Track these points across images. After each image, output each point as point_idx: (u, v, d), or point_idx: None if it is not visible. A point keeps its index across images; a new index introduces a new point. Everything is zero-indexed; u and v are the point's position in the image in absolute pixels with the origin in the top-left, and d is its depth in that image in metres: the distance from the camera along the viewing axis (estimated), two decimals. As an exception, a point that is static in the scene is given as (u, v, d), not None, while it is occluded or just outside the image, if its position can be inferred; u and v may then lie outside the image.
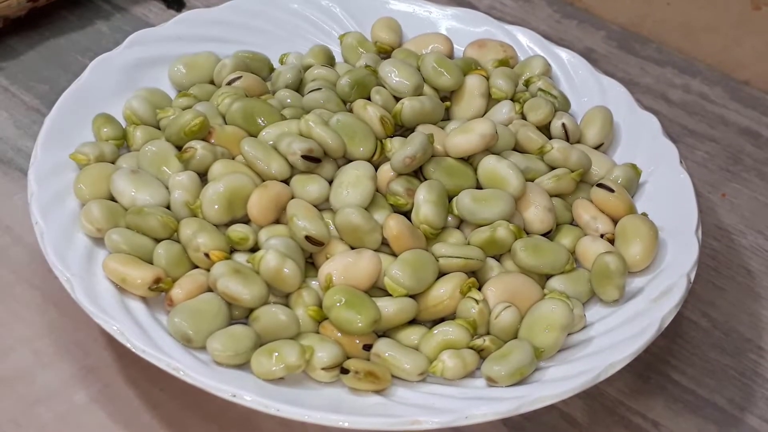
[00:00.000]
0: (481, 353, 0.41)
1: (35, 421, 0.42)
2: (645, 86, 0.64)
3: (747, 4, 0.64)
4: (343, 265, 0.42)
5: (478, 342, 0.41)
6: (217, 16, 0.56)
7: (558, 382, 0.40)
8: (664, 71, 0.65)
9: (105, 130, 0.48)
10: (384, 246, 0.44)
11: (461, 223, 0.46)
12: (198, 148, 0.45)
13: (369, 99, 0.49)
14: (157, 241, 0.43)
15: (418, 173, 0.47)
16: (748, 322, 0.50)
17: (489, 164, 0.46)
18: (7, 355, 0.44)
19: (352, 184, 0.45)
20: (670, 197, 0.48)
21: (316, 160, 0.45)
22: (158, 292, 0.42)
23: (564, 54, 0.56)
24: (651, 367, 0.47)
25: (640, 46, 0.67)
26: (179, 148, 0.46)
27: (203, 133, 0.46)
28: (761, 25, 0.64)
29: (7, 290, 0.47)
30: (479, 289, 0.43)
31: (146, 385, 0.43)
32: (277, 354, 0.39)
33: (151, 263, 0.42)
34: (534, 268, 0.44)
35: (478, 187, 0.46)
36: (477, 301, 0.42)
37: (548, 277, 0.45)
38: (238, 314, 0.42)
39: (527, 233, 0.46)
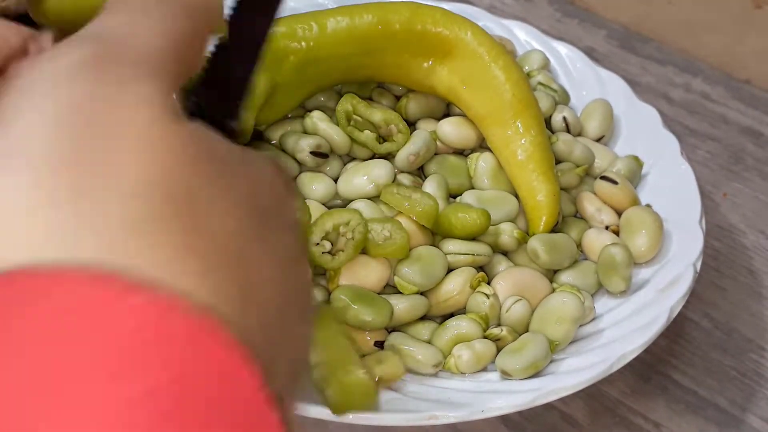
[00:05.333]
0: (498, 343, 0.41)
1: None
2: (646, 85, 0.64)
3: (748, 3, 0.64)
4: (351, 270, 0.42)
5: (495, 331, 0.41)
6: None
7: (571, 374, 0.40)
8: (665, 70, 0.65)
9: None
10: None
11: None
12: None
13: (371, 98, 0.50)
14: None
15: (420, 170, 0.47)
16: (749, 322, 0.49)
17: (490, 159, 0.47)
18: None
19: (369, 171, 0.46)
20: (672, 188, 0.48)
21: (324, 156, 0.46)
22: None
23: (562, 48, 0.57)
24: (652, 367, 0.46)
25: (641, 45, 0.67)
26: None
27: None
28: (762, 24, 0.64)
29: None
30: (488, 283, 0.43)
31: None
32: None
33: None
34: (554, 266, 0.44)
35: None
36: (488, 296, 0.42)
37: (556, 270, 0.45)
38: None
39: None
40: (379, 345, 0.41)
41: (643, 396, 0.45)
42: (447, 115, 0.50)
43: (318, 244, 0.41)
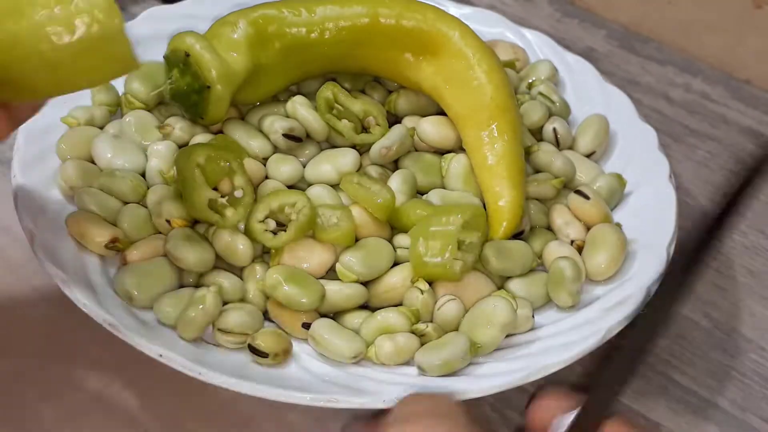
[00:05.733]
0: (422, 338, 0.41)
1: (35, 420, 0.42)
2: (646, 85, 0.64)
3: (748, 3, 0.64)
4: (294, 252, 0.43)
5: (421, 327, 0.41)
6: None
7: (485, 378, 0.40)
8: (665, 70, 0.65)
9: (99, 95, 0.49)
10: None
11: None
12: (176, 127, 0.47)
13: (363, 90, 0.51)
14: (126, 204, 0.44)
15: (396, 164, 0.48)
16: (749, 322, 0.49)
17: (463, 161, 0.47)
18: (6, 355, 0.44)
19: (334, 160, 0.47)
20: (651, 210, 0.48)
21: (297, 139, 0.46)
22: (115, 251, 0.42)
23: (573, 60, 0.57)
24: (652, 367, 0.46)
25: (641, 45, 0.67)
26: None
27: None
28: (762, 24, 0.64)
29: (7, 290, 0.47)
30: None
31: (146, 385, 0.43)
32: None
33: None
34: (504, 272, 0.44)
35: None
36: (422, 291, 0.42)
37: (509, 277, 0.45)
38: (191, 281, 0.43)
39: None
40: (306, 326, 0.41)
41: (643, 396, 0.45)
42: (439, 113, 0.51)
43: (262, 221, 0.42)
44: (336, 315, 0.43)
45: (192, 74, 0.45)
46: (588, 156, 0.51)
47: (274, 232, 0.42)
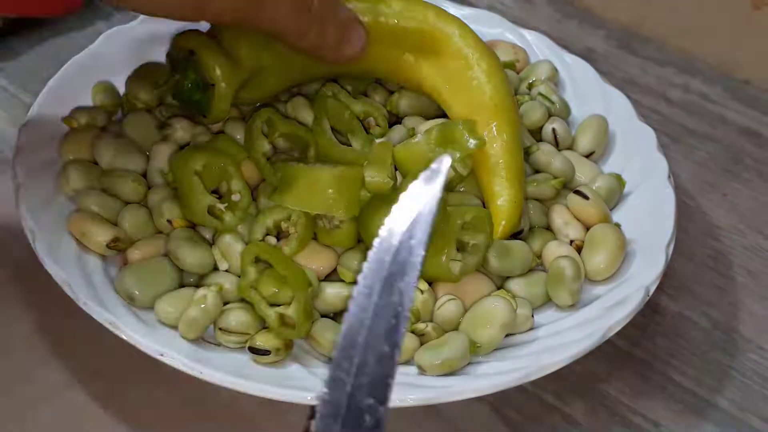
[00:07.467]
0: (422, 338, 0.42)
1: (35, 421, 0.42)
2: (645, 86, 0.64)
3: (747, 4, 0.64)
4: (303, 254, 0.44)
5: (421, 326, 0.42)
6: None
7: (484, 377, 0.40)
8: (664, 71, 0.65)
9: (100, 96, 0.50)
10: None
11: None
12: (177, 127, 0.47)
13: (365, 93, 0.51)
14: (127, 204, 0.45)
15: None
16: (748, 322, 0.50)
17: None
18: (7, 355, 0.44)
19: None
20: (650, 211, 0.48)
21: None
22: (116, 251, 0.43)
23: (573, 60, 0.57)
24: (651, 367, 0.47)
25: (641, 45, 0.67)
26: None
27: None
28: (761, 25, 0.64)
29: (7, 290, 0.47)
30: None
31: (147, 384, 0.43)
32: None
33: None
34: (504, 272, 0.44)
35: None
36: (422, 291, 0.42)
37: (508, 276, 0.45)
38: (193, 281, 0.43)
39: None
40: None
41: (643, 395, 0.45)
42: (440, 114, 0.51)
43: (263, 239, 0.43)
44: (337, 315, 0.43)
45: (196, 72, 0.45)
46: (587, 156, 0.51)
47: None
